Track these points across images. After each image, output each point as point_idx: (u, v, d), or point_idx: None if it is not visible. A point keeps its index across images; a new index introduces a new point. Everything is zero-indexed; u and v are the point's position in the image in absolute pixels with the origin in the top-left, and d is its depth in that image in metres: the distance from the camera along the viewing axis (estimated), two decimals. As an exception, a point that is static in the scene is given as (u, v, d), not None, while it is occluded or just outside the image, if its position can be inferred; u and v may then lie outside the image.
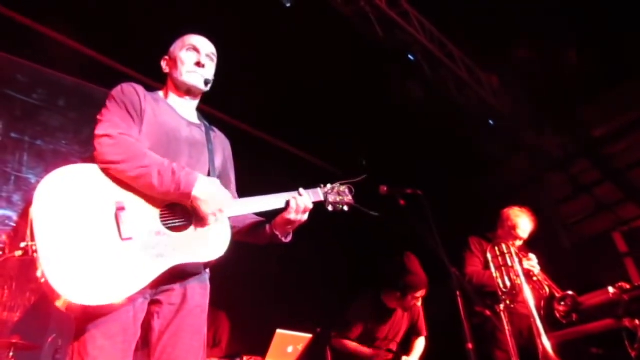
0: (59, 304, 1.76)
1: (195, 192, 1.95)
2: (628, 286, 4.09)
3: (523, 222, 4.35)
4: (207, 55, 2.34)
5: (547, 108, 7.15)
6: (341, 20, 5.55)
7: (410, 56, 6.21)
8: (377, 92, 6.30)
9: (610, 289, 4.08)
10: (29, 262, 1.77)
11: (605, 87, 6.79)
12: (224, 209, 2.05)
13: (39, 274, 1.72)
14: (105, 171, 1.93)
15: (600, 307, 4.18)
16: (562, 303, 3.95)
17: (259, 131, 6.78)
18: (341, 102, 6.21)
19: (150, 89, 2.30)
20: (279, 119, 6.39)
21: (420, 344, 4.62)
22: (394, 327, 4.49)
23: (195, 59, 2.29)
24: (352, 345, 4.39)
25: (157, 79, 2.42)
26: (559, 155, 7.50)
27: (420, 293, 4.41)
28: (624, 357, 3.84)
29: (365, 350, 4.36)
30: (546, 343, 3.58)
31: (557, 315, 3.95)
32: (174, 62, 2.32)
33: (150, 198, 1.97)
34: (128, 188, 1.94)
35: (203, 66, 2.29)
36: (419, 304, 4.53)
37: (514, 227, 4.32)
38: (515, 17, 6.02)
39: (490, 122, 7.25)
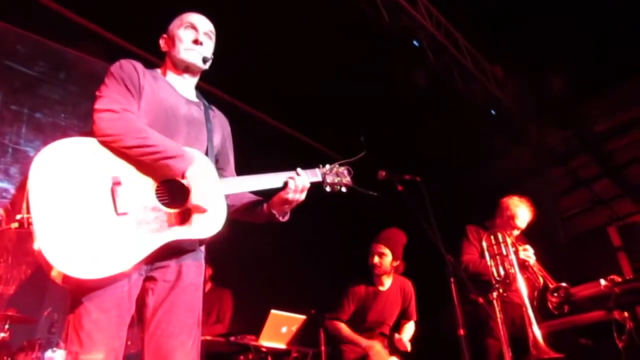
0: (54, 276, 1.77)
1: (185, 182, 1.96)
2: (619, 279, 4.12)
3: (522, 212, 4.33)
4: (205, 33, 2.32)
5: (550, 101, 7.13)
6: (347, 4, 5.50)
7: (415, 42, 6.16)
8: (381, 78, 6.26)
9: (602, 282, 4.12)
10: (25, 235, 1.77)
11: (610, 82, 6.77)
12: (213, 199, 2.01)
13: (35, 246, 1.73)
14: (104, 144, 1.93)
15: (591, 299, 4.22)
16: (555, 294, 3.96)
17: (259, 112, 6.76)
18: (344, 86, 6.18)
19: (151, 65, 2.29)
20: (280, 100, 6.36)
21: (409, 328, 4.63)
22: (385, 310, 4.50)
23: (193, 37, 2.28)
24: (346, 331, 4.37)
25: (159, 56, 2.41)
26: (560, 148, 7.50)
27: (378, 247, 4.44)
28: (611, 348, 3.88)
29: (359, 340, 4.31)
30: (537, 332, 3.62)
31: (550, 306, 3.97)
32: (172, 40, 2.31)
33: (146, 173, 1.96)
34: (125, 163, 1.94)
35: (201, 44, 2.27)
36: (376, 260, 4.46)
37: (512, 217, 4.32)
38: (522, 10, 5.98)
39: (492, 112, 7.24)
